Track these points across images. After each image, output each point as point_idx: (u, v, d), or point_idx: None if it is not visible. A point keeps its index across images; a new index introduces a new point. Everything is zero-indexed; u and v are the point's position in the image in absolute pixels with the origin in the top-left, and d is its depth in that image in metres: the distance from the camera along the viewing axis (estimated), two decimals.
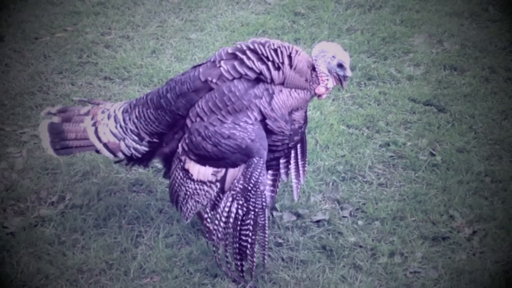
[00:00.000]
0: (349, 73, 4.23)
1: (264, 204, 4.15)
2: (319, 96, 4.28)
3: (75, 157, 5.32)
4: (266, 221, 4.20)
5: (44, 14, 7.48)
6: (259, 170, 4.11)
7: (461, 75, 6.56)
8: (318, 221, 4.85)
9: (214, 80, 4.19)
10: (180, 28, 7.29)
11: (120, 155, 4.51)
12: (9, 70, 6.54)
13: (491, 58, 6.80)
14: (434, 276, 4.46)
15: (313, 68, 4.23)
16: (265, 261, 4.40)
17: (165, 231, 4.73)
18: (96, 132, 4.52)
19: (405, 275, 4.47)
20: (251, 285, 4.34)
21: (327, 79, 4.23)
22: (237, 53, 4.20)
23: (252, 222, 4.16)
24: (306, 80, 4.22)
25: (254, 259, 4.27)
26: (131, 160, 4.54)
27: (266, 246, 4.32)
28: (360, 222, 4.85)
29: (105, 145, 4.51)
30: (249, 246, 4.21)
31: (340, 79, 4.26)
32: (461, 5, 7.74)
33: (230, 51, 4.23)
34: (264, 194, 4.14)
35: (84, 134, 4.54)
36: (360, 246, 4.66)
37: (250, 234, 4.18)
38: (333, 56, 4.19)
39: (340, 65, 4.21)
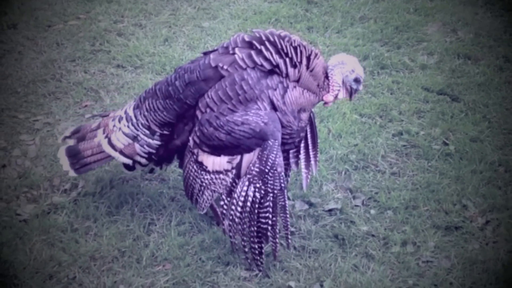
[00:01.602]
0: (361, 87, 4.33)
1: (283, 185, 4.15)
2: (326, 103, 4.33)
3: None
4: (286, 202, 4.20)
5: (57, 1, 7.49)
6: (275, 152, 4.10)
7: (475, 64, 6.52)
8: (330, 210, 4.84)
9: (225, 67, 4.16)
10: (193, 16, 7.28)
11: (138, 158, 4.50)
12: (22, 57, 6.56)
13: (505, 47, 6.75)
14: (446, 265, 4.44)
15: (326, 76, 4.25)
16: (289, 241, 4.41)
17: (177, 219, 4.73)
18: (109, 142, 4.54)
19: (417, 264, 4.46)
20: (263, 273, 4.34)
21: (338, 90, 4.30)
22: (254, 42, 4.17)
23: (271, 204, 4.15)
24: (318, 85, 4.25)
25: (277, 240, 4.28)
26: (152, 160, 4.52)
27: (289, 227, 4.31)
28: (372, 211, 4.84)
29: (121, 152, 4.52)
30: (270, 228, 4.21)
31: (351, 92, 4.34)
32: None
33: (247, 39, 4.20)
34: (282, 175, 4.13)
35: (99, 148, 4.58)
36: (373, 235, 4.65)
37: (270, 216, 4.17)
38: (352, 70, 4.27)
39: (357, 80, 4.28)
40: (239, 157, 4.18)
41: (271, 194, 4.14)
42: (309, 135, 4.63)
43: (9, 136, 5.51)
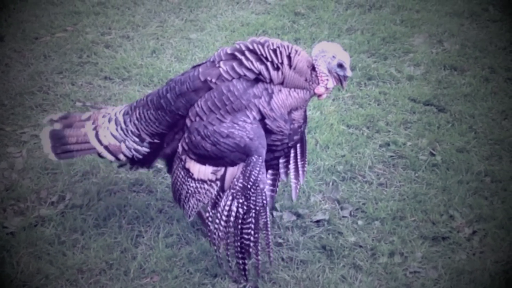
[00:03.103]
0: (349, 73, 4.24)
1: (265, 202, 4.15)
2: (319, 96, 4.29)
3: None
4: (268, 219, 4.20)
5: (44, 14, 7.48)
6: (258, 169, 4.11)
7: (461, 75, 6.56)
8: (318, 221, 4.85)
9: (213, 80, 4.19)
10: (180, 28, 7.29)
11: (122, 156, 4.52)
12: (9, 70, 6.54)
13: (491, 58, 6.79)
14: (434, 276, 4.46)
15: (313, 68, 4.23)
16: (271, 259, 4.39)
17: (165, 231, 4.73)
18: (97, 135, 4.54)
19: (405, 275, 4.47)
20: (251, 285, 4.34)
21: (327, 79, 4.24)
22: (236, 53, 4.20)
23: (253, 221, 4.16)
24: (306, 80, 4.22)
25: (259, 257, 4.28)
26: (134, 162, 4.55)
27: (271, 244, 4.31)
28: (360, 222, 4.85)
29: (106, 147, 4.52)
30: (252, 244, 4.21)
31: (340, 79, 4.27)
32: (461, 5, 7.75)
33: (229, 51, 4.23)
34: (265, 192, 4.14)
35: (85, 138, 4.56)
36: (360, 246, 4.66)
37: (253, 232, 4.18)
38: (333, 56, 4.20)
39: (340, 65, 4.21)
40: (223, 169, 4.20)
41: (253, 211, 4.15)
42: (298, 145, 4.63)
43: None
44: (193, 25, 7.38)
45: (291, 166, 4.67)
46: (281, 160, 4.64)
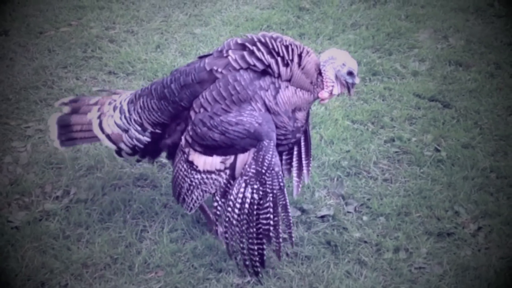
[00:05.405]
0: (357, 80, 4.28)
1: (281, 184, 4.14)
2: (322, 100, 4.31)
3: (80, 151, 5.34)
4: (287, 200, 4.19)
5: (48, 8, 7.48)
6: (271, 152, 4.10)
7: (466, 70, 6.54)
8: (322, 217, 4.84)
9: (219, 70, 4.18)
10: (185, 23, 7.28)
11: (123, 145, 4.53)
12: (13, 64, 6.54)
13: (496, 53, 6.78)
14: (439, 272, 4.45)
15: (319, 73, 4.24)
16: (293, 239, 4.39)
17: (169, 226, 4.73)
18: (100, 124, 4.56)
19: (410, 270, 4.46)
20: (255, 280, 4.34)
21: (332, 86, 4.27)
22: (247, 44, 4.20)
23: (272, 204, 4.15)
24: (311, 83, 4.24)
25: (280, 240, 4.27)
26: (135, 152, 4.54)
27: (292, 225, 4.30)
28: (364, 218, 4.85)
29: (107, 136, 4.54)
30: (272, 228, 4.20)
31: (348, 87, 4.30)
32: (466, 0, 7.72)
33: (239, 41, 4.23)
34: (281, 175, 4.13)
35: (89, 126, 4.60)
36: (365, 242, 4.65)
37: (272, 216, 4.17)
38: (343, 64, 4.24)
39: (350, 73, 4.26)
40: (232, 157, 4.18)
41: (270, 195, 4.14)
42: (302, 143, 4.62)
43: (1, 143, 5.50)
44: (198, 20, 7.37)
45: (294, 164, 4.65)
46: (284, 157, 4.63)
